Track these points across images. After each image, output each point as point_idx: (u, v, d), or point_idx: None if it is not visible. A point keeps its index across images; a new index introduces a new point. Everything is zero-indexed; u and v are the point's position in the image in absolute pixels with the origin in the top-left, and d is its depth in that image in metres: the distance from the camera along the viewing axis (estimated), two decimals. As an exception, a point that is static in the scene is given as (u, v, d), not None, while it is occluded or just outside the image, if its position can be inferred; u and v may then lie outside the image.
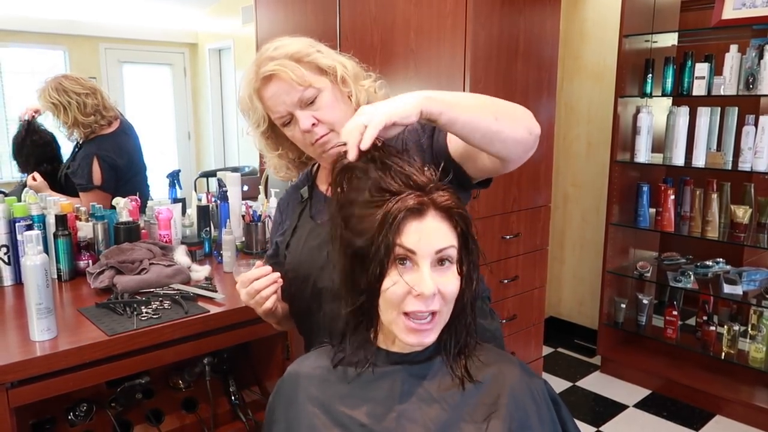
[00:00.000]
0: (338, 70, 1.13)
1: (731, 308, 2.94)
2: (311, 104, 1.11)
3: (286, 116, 1.12)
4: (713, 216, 2.74)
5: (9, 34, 5.51)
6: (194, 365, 1.64)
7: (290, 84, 1.09)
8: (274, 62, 1.09)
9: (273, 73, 1.09)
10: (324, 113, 1.11)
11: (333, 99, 1.12)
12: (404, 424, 0.89)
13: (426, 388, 0.91)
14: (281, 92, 1.10)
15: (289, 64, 1.09)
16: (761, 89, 2.51)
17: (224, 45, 6.17)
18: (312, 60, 1.12)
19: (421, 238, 0.86)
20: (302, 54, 1.11)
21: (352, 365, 0.94)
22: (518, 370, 0.93)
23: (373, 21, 2.58)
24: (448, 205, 0.88)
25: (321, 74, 1.12)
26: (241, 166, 5.73)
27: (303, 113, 1.10)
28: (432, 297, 0.85)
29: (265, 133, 1.20)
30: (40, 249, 1.29)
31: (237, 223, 2.09)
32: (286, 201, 1.32)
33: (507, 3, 2.39)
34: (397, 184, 0.89)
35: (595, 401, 2.89)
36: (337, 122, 1.11)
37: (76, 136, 2.36)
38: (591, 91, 3.36)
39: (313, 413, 0.93)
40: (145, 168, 2.61)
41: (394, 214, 0.85)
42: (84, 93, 2.26)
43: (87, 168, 2.30)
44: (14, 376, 1.22)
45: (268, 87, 1.11)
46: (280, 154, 1.23)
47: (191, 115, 6.91)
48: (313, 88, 1.10)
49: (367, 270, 0.87)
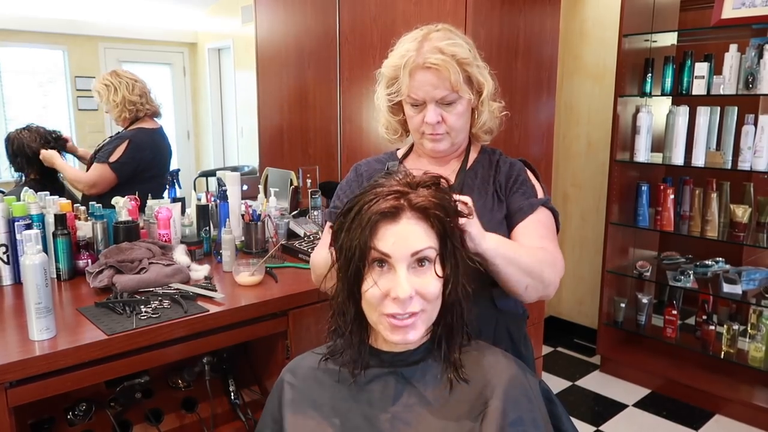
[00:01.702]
0: (485, 90, 1.19)
1: (731, 307, 2.94)
2: (447, 105, 1.18)
3: (420, 102, 1.18)
4: (713, 215, 2.75)
5: (9, 33, 5.51)
6: (194, 365, 1.64)
7: (443, 82, 1.14)
8: (441, 56, 1.13)
9: (435, 65, 1.13)
10: (451, 118, 1.19)
11: (465, 110, 1.20)
12: (398, 426, 0.89)
13: (419, 389, 0.91)
14: (431, 84, 1.15)
15: (453, 66, 1.13)
16: (761, 88, 2.51)
17: (224, 45, 6.17)
18: (470, 71, 1.17)
19: (396, 242, 0.87)
20: (466, 63, 1.16)
21: (346, 366, 0.94)
22: (513, 368, 0.93)
23: (373, 20, 2.58)
24: (424, 205, 0.88)
25: (468, 85, 1.18)
26: (241, 165, 5.74)
27: (435, 108, 1.17)
28: (408, 300, 0.86)
29: (393, 99, 1.24)
30: (39, 248, 1.28)
31: (236, 222, 2.09)
32: (366, 168, 1.35)
33: (507, 2, 2.39)
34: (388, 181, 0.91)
35: (594, 401, 2.89)
36: (457, 129, 1.21)
37: (121, 118, 2.61)
38: (591, 90, 3.36)
39: (308, 414, 0.94)
40: (166, 174, 2.70)
41: (368, 217, 0.87)
42: (133, 79, 2.62)
43: (114, 145, 2.54)
44: (13, 376, 1.22)
45: (425, 73, 1.15)
46: (401, 121, 1.29)
47: (191, 114, 6.92)
48: (458, 95, 1.16)
49: (347, 273, 0.89)
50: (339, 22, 2.77)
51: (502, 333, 1.21)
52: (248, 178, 3.66)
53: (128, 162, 2.51)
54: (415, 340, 0.90)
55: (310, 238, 2.09)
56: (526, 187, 1.25)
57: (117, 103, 2.57)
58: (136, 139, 2.56)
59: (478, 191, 1.24)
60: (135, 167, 2.54)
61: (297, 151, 3.24)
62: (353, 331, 0.94)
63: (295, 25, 3.11)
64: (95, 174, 2.49)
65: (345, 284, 0.91)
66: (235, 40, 5.88)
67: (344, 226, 0.91)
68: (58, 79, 5.97)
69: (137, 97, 2.59)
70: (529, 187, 1.25)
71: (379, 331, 0.91)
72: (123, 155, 2.51)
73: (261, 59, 3.42)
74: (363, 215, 0.88)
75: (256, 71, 3.47)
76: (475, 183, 1.26)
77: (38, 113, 5.79)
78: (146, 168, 2.58)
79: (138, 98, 2.60)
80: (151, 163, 2.60)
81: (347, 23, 2.73)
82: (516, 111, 2.49)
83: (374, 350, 0.95)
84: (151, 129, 2.66)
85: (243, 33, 5.61)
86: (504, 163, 1.28)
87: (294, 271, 1.87)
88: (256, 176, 3.82)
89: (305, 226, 2.20)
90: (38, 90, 5.90)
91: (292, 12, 3.13)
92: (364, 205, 0.88)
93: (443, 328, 0.93)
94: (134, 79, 2.62)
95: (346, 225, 0.90)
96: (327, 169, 2.93)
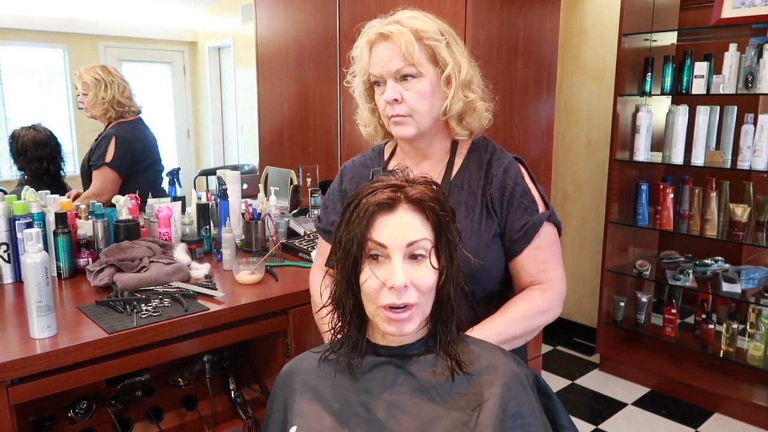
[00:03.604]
0: (449, 69, 1.12)
1: (730, 306, 2.95)
2: (405, 81, 1.12)
3: (380, 78, 1.14)
4: (712, 214, 2.75)
5: (8, 32, 5.51)
6: (194, 363, 1.64)
7: (397, 53, 1.09)
8: (398, 26, 1.11)
9: (389, 34, 1.10)
10: (410, 96, 1.12)
11: (427, 90, 1.12)
12: (396, 414, 0.90)
13: (417, 379, 0.93)
14: (386, 56, 1.11)
15: (408, 35, 1.09)
16: (760, 88, 2.51)
17: (224, 43, 6.17)
18: (431, 45, 1.11)
19: (392, 232, 0.88)
20: (426, 35, 1.11)
21: (345, 357, 0.96)
22: (510, 362, 0.94)
23: (373, 19, 2.58)
24: (419, 197, 0.90)
25: (432, 63, 1.12)
26: (241, 164, 5.74)
27: (393, 85, 1.12)
28: (404, 289, 0.87)
29: (365, 84, 1.21)
30: (40, 247, 1.29)
31: (237, 221, 2.10)
32: (352, 175, 1.31)
33: (506, 2, 2.39)
34: (387, 177, 0.92)
35: (594, 399, 2.89)
36: (418, 112, 1.13)
37: (105, 117, 2.59)
38: (590, 89, 3.36)
39: (308, 403, 0.96)
40: (160, 161, 2.75)
41: (365, 208, 0.89)
42: (123, 80, 2.62)
43: (104, 147, 2.53)
44: (14, 374, 1.22)
45: (380, 45, 1.12)
46: (372, 109, 1.24)
47: (191, 113, 6.91)
48: (415, 69, 1.10)
49: (345, 265, 0.91)
50: (339, 21, 2.77)
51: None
52: (248, 176, 3.66)
53: (123, 156, 2.52)
54: (411, 332, 0.91)
55: (310, 237, 2.10)
56: (527, 200, 1.16)
57: (105, 100, 2.54)
58: (121, 132, 2.56)
59: (465, 207, 1.16)
60: (130, 159, 2.55)
61: (297, 149, 3.25)
62: (352, 322, 0.95)
63: (296, 24, 3.11)
64: (98, 180, 2.49)
65: (344, 276, 0.92)
66: (236, 39, 5.88)
67: (344, 219, 0.93)
68: (57, 78, 5.97)
69: (126, 99, 2.60)
70: (529, 200, 1.16)
71: (376, 323, 0.93)
72: (116, 152, 2.50)
73: (261, 58, 3.43)
74: (360, 208, 0.90)
75: (257, 70, 3.47)
76: (461, 196, 1.18)
77: (38, 112, 5.79)
78: (139, 159, 2.59)
79: (127, 100, 2.60)
80: (143, 152, 2.62)
81: (347, 22, 2.73)
82: (516, 110, 2.49)
83: (371, 344, 0.97)
84: (132, 120, 2.65)
85: (243, 32, 5.61)
86: (497, 169, 1.17)
87: (294, 269, 1.88)
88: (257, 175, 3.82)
89: (305, 224, 2.20)
90: (38, 89, 5.90)
91: (292, 11, 3.13)
92: (362, 199, 0.91)
93: (438, 322, 0.95)
94: (124, 80, 2.62)
95: (346, 218, 0.92)
96: (327, 168, 2.93)
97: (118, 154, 2.50)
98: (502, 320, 1.12)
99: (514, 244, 1.16)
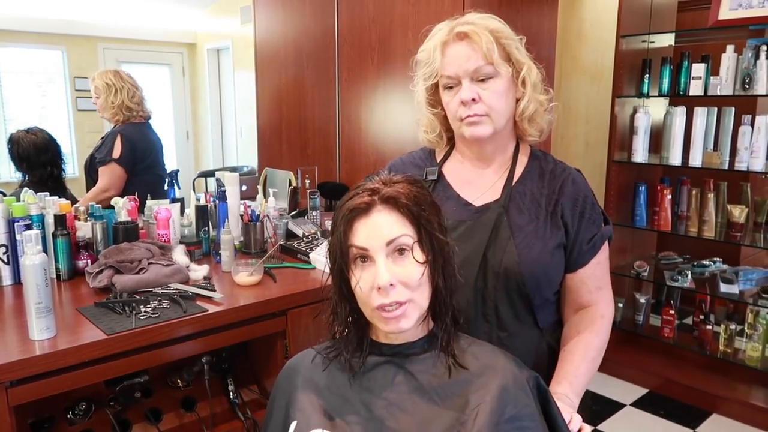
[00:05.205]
0: (524, 69, 1.13)
1: (728, 307, 2.96)
2: (482, 81, 1.10)
3: (454, 80, 1.11)
4: (710, 215, 2.75)
5: (7, 34, 5.51)
6: (193, 364, 1.64)
7: (476, 51, 1.08)
8: (473, 26, 1.10)
9: (467, 32, 1.09)
10: (489, 96, 1.10)
11: (504, 89, 1.11)
12: (394, 413, 0.91)
13: (417, 378, 0.93)
14: (463, 55, 1.09)
15: (485, 35, 1.08)
16: (757, 89, 2.52)
17: (223, 45, 6.17)
18: (507, 45, 1.11)
19: (369, 234, 0.90)
20: (502, 35, 1.11)
21: (346, 356, 0.97)
22: (511, 364, 0.95)
23: (371, 21, 2.59)
24: (392, 196, 0.91)
25: (507, 63, 1.12)
26: (240, 165, 5.75)
27: (470, 85, 1.10)
28: (391, 287, 0.88)
29: (430, 89, 1.19)
30: (39, 248, 1.29)
31: (235, 222, 2.10)
32: (402, 171, 1.30)
33: (504, 3, 2.40)
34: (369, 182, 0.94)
35: (592, 400, 2.89)
36: (496, 110, 1.11)
37: (114, 119, 2.69)
38: (588, 91, 3.37)
39: (309, 399, 0.97)
40: (162, 166, 2.82)
41: (341, 215, 0.91)
42: (134, 86, 2.71)
43: (110, 144, 2.62)
44: (13, 375, 1.22)
45: (456, 45, 1.10)
46: (436, 114, 1.22)
47: (190, 114, 6.92)
48: (494, 68, 1.09)
49: (334, 274, 0.94)
50: (337, 23, 2.78)
51: (542, 348, 1.20)
52: (247, 178, 3.67)
53: (129, 153, 2.61)
54: (409, 328, 0.92)
55: (308, 239, 2.10)
56: (595, 213, 1.16)
57: (114, 104, 2.64)
58: (126, 131, 2.65)
59: (528, 213, 1.15)
60: (134, 157, 2.63)
61: (296, 151, 3.25)
62: (351, 329, 0.97)
63: (294, 26, 3.12)
64: (106, 176, 2.56)
65: (335, 285, 0.95)
66: (234, 40, 5.88)
67: (331, 229, 0.95)
68: (57, 80, 5.98)
69: (135, 105, 2.68)
70: (597, 213, 1.17)
71: (375, 324, 0.94)
72: (123, 148, 2.59)
73: (260, 60, 3.43)
74: (338, 216, 0.92)
75: (255, 71, 3.48)
76: (524, 203, 1.16)
77: (37, 113, 5.80)
78: (141, 158, 2.66)
79: (136, 106, 2.68)
80: (144, 152, 2.69)
81: (346, 24, 2.73)
82: (514, 111, 2.50)
83: (375, 343, 0.98)
84: (139, 123, 2.75)
85: (242, 33, 5.61)
86: (566, 180, 1.17)
87: (292, 271, 1.88)
88: (255, 176, 3.83)
89: (304, 226, 2.21)
90: (37, 90, 5.91)
91: (291, 12, 3.14)
92: (342, 206, 0.93)
93: (438, 317, 0.96)
94: (135, 86, 2.70)
95: (332, 228, 0.95)
96: (326, 170, 2.94)
97: (125, 151, 2.60)
98: (585, 365, 1.16)
99: (582, 255, 1.15)
